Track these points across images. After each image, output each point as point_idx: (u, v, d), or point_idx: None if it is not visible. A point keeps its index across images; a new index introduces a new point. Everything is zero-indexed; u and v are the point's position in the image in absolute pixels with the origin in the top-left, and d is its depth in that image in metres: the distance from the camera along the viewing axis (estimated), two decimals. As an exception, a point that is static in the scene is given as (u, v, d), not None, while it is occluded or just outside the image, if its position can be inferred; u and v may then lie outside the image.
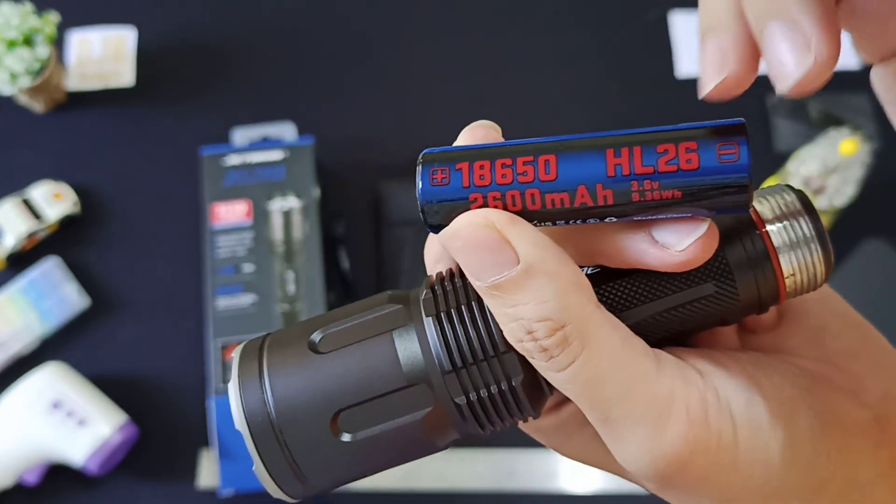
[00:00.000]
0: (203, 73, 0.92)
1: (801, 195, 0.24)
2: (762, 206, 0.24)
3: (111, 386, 0.79)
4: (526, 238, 0.22)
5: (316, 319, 0.25)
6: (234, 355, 0.25)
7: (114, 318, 0.83)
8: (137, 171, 0.89)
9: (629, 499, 0.77)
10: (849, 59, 0.92)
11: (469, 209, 0.22)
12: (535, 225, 0.22)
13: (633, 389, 0.22)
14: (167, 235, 0.86)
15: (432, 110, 0.91)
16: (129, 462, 0.78)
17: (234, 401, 0.24)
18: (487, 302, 0.23)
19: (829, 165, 0.82)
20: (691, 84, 0.92)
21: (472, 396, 0.23)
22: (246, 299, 0.76)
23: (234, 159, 0.81)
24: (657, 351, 0.23)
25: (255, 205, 0.79)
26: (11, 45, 0.81)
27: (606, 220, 0.22)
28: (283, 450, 0.24)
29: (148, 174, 0.89)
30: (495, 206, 0.22)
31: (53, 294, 0.82)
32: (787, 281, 0.23)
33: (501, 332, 0.23)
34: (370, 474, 0.25)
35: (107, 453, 0.73)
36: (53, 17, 0.84)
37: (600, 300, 0.23)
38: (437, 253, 0.26)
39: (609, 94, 0.92)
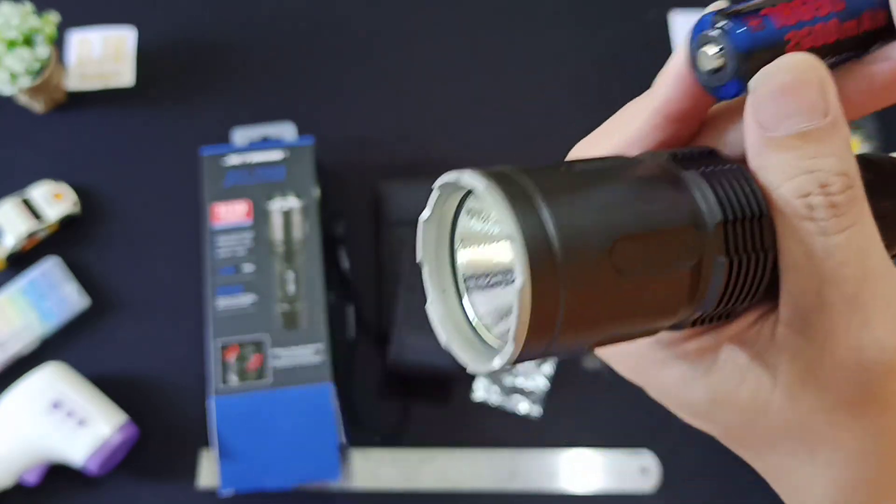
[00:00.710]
0: (203, 73, 0.92)
1: None
2: None
3: (111, 386, 0.79)
4: (833, 92, 0.22)
5: (556, 161, 0.23)
6: (470, 176, 0.21)
7: (114, 318, 0.83)
8: (137, 171, 0.89)
9: (629, 498, 0.77)
10: (849, 58, 0.92)
11: (784, 52, 0.22)
12: None
13: (887, 274, 0.22)
14: (167, 235, 0.86)
15: (432, 110, 0.91)
16: (129, 462, 0.78)
17: (505, 213, 0.20)
18: (776, 154, 0.22)
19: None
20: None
21: (734, 257, 0.22)
22: (246, 299, 0.76)
23: (234, 159, 0.81)
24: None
25: (255, 205, 0.79)
26: (11, 45, 0.81)
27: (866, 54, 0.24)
28: (557, 276, 0.20)
29: (148, 174, 0.89)
30: (807, 44, 0.23)
31: (53, 294, 0.81)
32: None
33: (763, 197, 0.22)
34: (606, 334, 0.22)
35: (107, 453, 0.73)
36: (53, 17, 0.84)
37: None
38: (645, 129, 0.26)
39: (609, 94, 0.92)
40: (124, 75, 0.92)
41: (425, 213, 0.23)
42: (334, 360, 0.76)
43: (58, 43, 0.90)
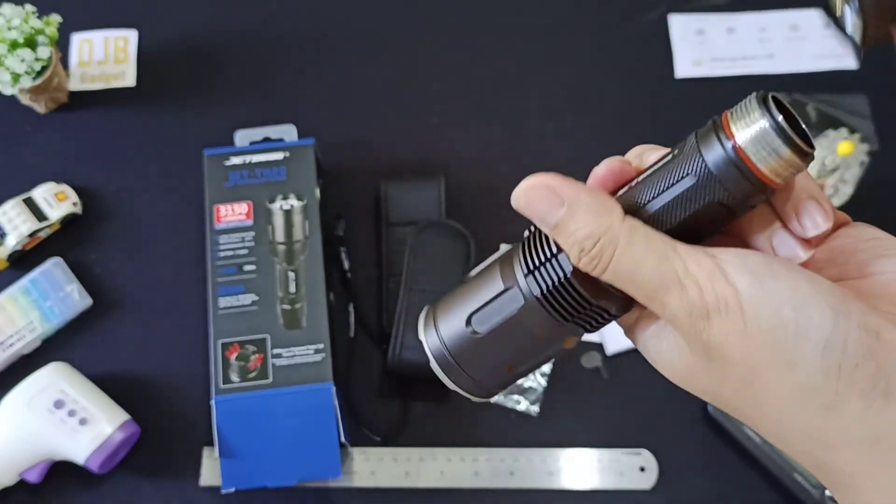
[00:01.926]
0: (204, 75, 0.93)
1: (760, 95, 0.30)
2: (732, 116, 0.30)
3: (113, 385, 0.79)
4: (566, 186, 0.31)
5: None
6: (420, 318, 0.36)
7: (115, 317, 0.84)
8: (139, 171, 0.89)
9: (627, 496, 0.78)
10: (847, 60, 0.93)
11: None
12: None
13: (659, 267, 0.30)
14: (168, 235, 0.86)
15: (432, 111, 0.92)
16: (131, 460, 0.78)
17: (424, 343, 0.35)
18: (556, 238, 0.32)
19: (828, 166, 0.83)
20: (690, 84, 0.92)
21: (543, 288, 0.32)
22: (247, 299, 0.77)
23: (235, 160, 0.81)
24: (675, 241, 0.30)
25: (257, 205, 0.80)
26: (13, 46, 0.81)
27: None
28: (454, 362, 0.35)
29: (149, 175, 0.89)
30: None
31: (55, 294, 0.82)
32: (759, 166, 0.29)
33: (555, 242, 0.32)
34: (516, 367, 0.35)
35: (108, 452, 0.74)
36: (55, 19, 0.84)
37: (623, 204, 0.32)
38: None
39: (609, 94, 0.92)
40: (126, 76, 0.93)
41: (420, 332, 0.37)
42: (335, 360, 0.77)
43: (60, 44, 0.90)
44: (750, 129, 0.29)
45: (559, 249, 0.32)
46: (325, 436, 0.73)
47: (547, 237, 0.33)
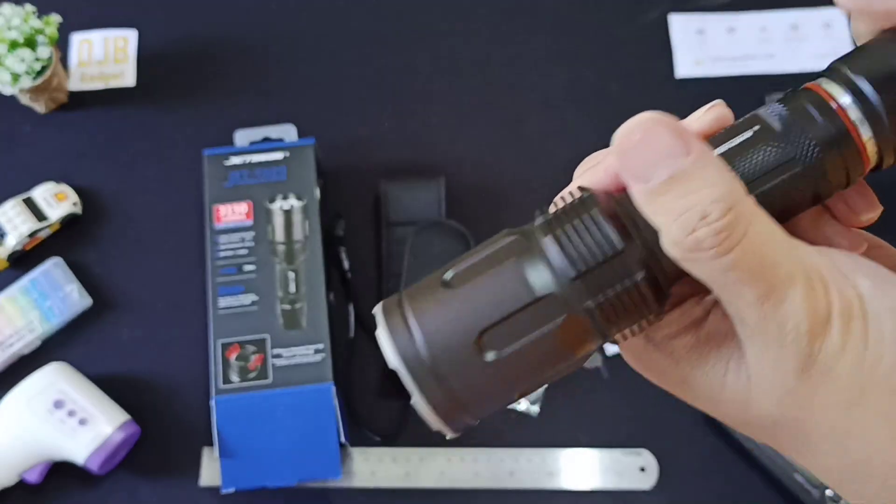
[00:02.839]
0: (204, 75, 0.93)
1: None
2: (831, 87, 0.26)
3: (113, 385, 0.79)
4: (690, 132, 0.24)
5: (443, 267, 0.28)
6: (377, 311, 0.27)
7: (115, 317, 0.84)
8: (139, 171, 0.89)
9: (627, 496, 0.78)
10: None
11: None
12: None
13: (788, 255, 0.24)
14: (169, 235, 0.86)
15: (432, 111, 0.91)
16: (131, 460, 0.78)
17: (387, 346, 0.26)
18: (657, 202, 0.24)
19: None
20: (691, 84, 0.92)
21: (600, 298, 0.25)
22: (247, 299, 0.77)
23: (235, 160, 0.81)
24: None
25: (257, 205, 0.80)
26: (13, 45, 0.81)
27: None
28: (439, 382, 0.25)
29: (149, 175, 0.89)
30: None
31: (55, 294, 0.82)
32: (867, 145, 0.26)
33: (615, 233, 0.25)
34: (523, 393, 0.27)
35: (108, 452, 0.74)
36: (55, 18, 0.84)
37: None
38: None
39: (609, 94, 0.92)
40: (126, 76, 0.93)
41: (378, 330, 0.28)
42: (335, 360, 0.77)
43: (59, 44, 0.90)
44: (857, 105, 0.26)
45: (624, 242, 0.25)
46: (325, 436, 0.73)
47: (604, 225, 0.26)
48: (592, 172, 0.28)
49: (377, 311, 0.27)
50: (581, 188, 0.28)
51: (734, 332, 0.26)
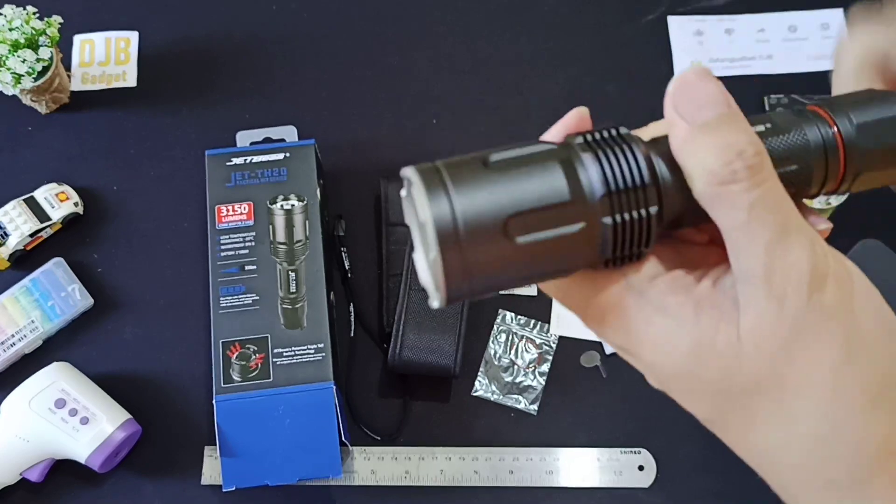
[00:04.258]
0: (205, 77, 0.93)
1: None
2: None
3: (114, 384, 0.79)
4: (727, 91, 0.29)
5: (481, 151, 0.30)
6: (409, 171, 0.28)
7: (117, 317, 0.84)
8: (140, 171, 0.89)
9: (626, 494, 0.78)
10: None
11: None
12: None
13: (798, 215, 0.28)
14: (170, 235, 0.87)
15: (432, 112, 0.92)
16: (132, 459, 0.79)
17: (421, 198, 0.28)
18: (701, 138, 0.28)
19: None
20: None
21: (618, 218, 0.28)
22: (248, 298, 0.77)
23: (237, 160, 0.82)
24: None
25: (258, 205, 0.80)
26: (15, 46, 0.82)
27: None
28: (459, 245, 0.27)
29: (150, 175, 0.89)
30: None
31: (57, 293, 0.82)
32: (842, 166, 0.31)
33: (647, 169, 0.29)
34: (518, 284, 0.29)
35: (109, 451, 0.74)
36: (56, 20, 0.85)
37: None
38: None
39: (608, 94, 0.92)
40: (127, 77, 0.93)
41: (402, 192, 0.30)
42: (335, 360, 0.77)
43: (61, 45, 0.91)
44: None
45: (651, 179, 0.29)
46: (326, 435, 0.74)
47: (640, 158, 0.29)
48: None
49: (409, 171, 0.28)
50: (618, 128, 0.31)
51: (728, 296, 0.28)
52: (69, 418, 0.74)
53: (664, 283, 0.30)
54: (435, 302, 0.28)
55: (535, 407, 0.81)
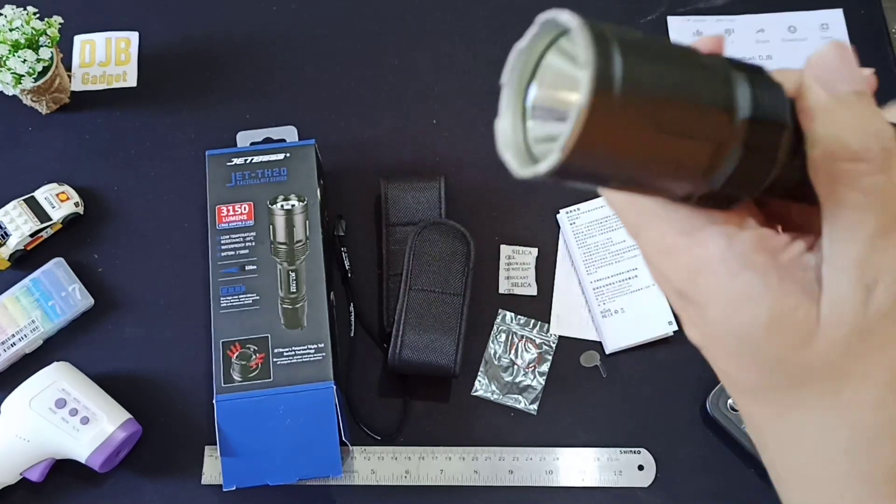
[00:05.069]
0: (205, 77, 0.93)
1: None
2: None
3: (114, 384, 0.80)
4: None
5: (654, 36, 0.28)
6: (567, 16, 0.27)
7: (117, 317, 0.84)
8: (141, 171, 0.89)
9: (625, 493, 0.78)
10: (844, 61, 0.93)
11: None
12: None
13: None
14: (170, 235, 0.87)
15: (432, 112, 0.92)
16: (133, 459, 0.79)
17: (584, 42, 0.25)
18: (841, 109, 0.27)
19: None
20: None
21: (752, 145, 0.27)
22: (248, 298, 0.77)
23: (237, 160, 0.82)
24: None
25: (258, 205, 0.80)
26: (15, 47, 0.82)
27: None
28: (611, 103, 0.25)
29: (150, 175, 0.89)
30: None
31: (57, 293, 0.82)
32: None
33: (790, 113, 0.28)
34: (625, 176, 0.27)
35: (110, 450, 0.74)
36: (56, 20, 0.85)
37: None
38: None
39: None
40: (128, 77, 0.93)
41: (522, 43, 0.28)
42: (335, 359, 0.77)
43: (62, 45, 0.91)
44: None
45: (791, 124, 0.28)
46: (326, 434, 0.74)
47: (787, 103, 0.28)
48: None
49: (566, 15, 0.27)
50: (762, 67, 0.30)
51: (812, 272, 0.28)
52: (69, 418, 0.74)
53: (753, 237, 0.28)
54: (542, 166, 0.26)
55: (534, 407, 0.81)
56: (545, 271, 0.85)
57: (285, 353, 0.75)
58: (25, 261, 0.84)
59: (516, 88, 0.29)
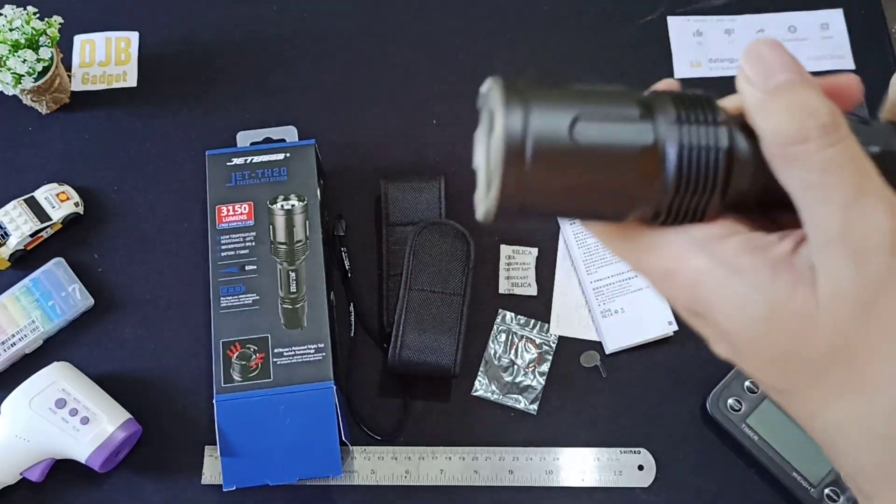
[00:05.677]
0: (205, 77, 0.93)
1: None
2: None
3: (115, 384, 0.80)
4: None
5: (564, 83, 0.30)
6: (490, 80, 0.29)
7: (117, 317, 0.84)
8: (141, 171, 0.89)
9: (625, 493, 0.78)
10: (845, 61, 0.93)
11: None
12: None
13: (877, 176, 0.27)
14: (170, 235, 0.87)
15: (432, 112, 0.92)
16: (133, 459, 0.79)
17: (496, 99, 0.27)
18: (773, 101, 0.27)
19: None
20: (688, 84, 0.92)
21: (685, 143, 0.28)
22: (248, 298, 0.77)
23: (237, 160, 0.82)
24: None
25: (258, 205, 0.80)
26: (15, 47, 0.82)
27: None
28: (526, 161, 0.27)
29: (151, 175, 0.89)
30: None
31: (57, 293, 0.82)
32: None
33: (723, 115, 0.29)
34: (571, 207, 0.28)
35: (110, 450, 0.74)
36: (56, 20, 0.85)
37: None
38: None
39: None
40: (128, 77, 0.93)
41: (483, 88, 0.30)
42: (335, 359, 0.77)
43: (62, 45, 0.91)
44: None
45: (722, 121, 0.29)
46: (326, 434, 0.74)
47: (713, 106, 0.29)
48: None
49: (490, 80, 0.29)
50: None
51: (806, 262, 0.28)
52: (69, 418, 0.74)
53: (738, 242, 0.28)
54: (480, 211, 0.28)
55: (534, 407, 0.81)
56: (545, 271, 0.85)
57: (285, 353, 0.75)
58: (25, 261, 0.84)
59: (486, 127, 0.30)
